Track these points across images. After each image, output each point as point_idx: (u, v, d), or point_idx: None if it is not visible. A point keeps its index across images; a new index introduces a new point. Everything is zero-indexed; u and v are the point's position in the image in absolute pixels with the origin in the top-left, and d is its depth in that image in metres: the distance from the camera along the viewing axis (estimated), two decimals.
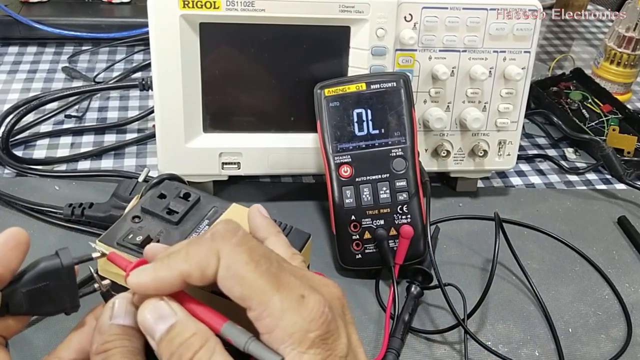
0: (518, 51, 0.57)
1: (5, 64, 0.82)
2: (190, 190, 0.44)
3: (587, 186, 0.69)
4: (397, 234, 0.52)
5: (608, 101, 0.79)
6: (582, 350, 0.50)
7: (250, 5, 0.52)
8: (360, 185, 0.53)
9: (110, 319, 0.29)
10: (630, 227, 0.62)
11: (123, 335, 0.28)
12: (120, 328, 0.29)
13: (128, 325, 0.29)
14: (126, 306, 0.29)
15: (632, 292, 0.56)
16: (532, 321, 0.52)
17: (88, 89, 0.69)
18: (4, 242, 0.28)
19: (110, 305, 0.29)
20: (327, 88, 0.53)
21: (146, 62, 0.83)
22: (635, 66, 0.81)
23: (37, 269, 0.29)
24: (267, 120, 0.58)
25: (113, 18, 0.87)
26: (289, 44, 0.55)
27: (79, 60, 0.85)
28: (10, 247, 0.28)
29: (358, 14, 0.53)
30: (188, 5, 0.51)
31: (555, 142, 0.76)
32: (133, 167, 0.66)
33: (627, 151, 0.72)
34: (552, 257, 0.59)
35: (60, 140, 0.69)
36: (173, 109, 0.54)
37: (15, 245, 0.28)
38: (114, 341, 0.28)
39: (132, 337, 0.28)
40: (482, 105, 0.59)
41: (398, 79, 0.53)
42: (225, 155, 0.57)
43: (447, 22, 0.55)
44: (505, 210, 0.63)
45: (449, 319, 0.51)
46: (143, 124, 0.72)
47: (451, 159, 0.61)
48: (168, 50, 0.52)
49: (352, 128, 0.53)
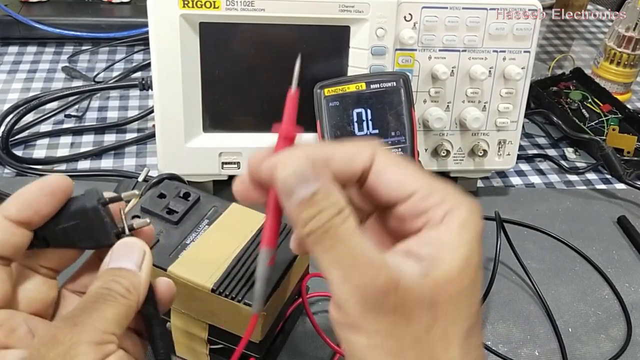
0: (518, 51, 0.57)
1: (5, 63, 0.82)
2: (190, 189, 0.44)
3: (587, 186, 0.69)
4: None
5: (608, 101, 0.79)
6: (582, 350, 0.50)
7: (250, 5, 0.52)
8: None
9: (107, 265, 0.29)
10: (630, 226, 0.62)
11: (106, 277, 0.28)
12: (110, 270, 0.29)
13: (118, 267, 0.29)
14: (122, 250, 0.30)
15: (632, 291, 0.56)
16: (532, 321, 0.52)
17: (88, 89, 0.69)
18: (39, 188, 0.29)
19: (110, 252, 0.30)
20: (327, 88, 0.53)
21: (146, 62, 0.83)
22: (635, 66, 0.81)
23: (65, 209, 0.30)
24: (266, 119, 0.58)
25: (113, 18, 0.87)
26: (289, 44, 0.55)
27: (79, 60, 0.85)
28: (44, 193, 0.29)
29: (358, 13, 0.53)
30: (188, 5, 0.51)
31: (555, 141, 0.76)
32: (133, 167, 0.66)
33: (627, 151, 0.72)
34: (551, 256, 0.59)
35: (60, 140, 0.69)
36: (173, 109, 0.54)
37: (50, 192, 0.29)
38: (95, 283, 0.28)
39: (118, 278, 0.28)
40: (481, 105, 0.59)
41: (398, 79, 0.53)
42: (225, 155, 0.57)
43: (447, 21, 0.55)
44: (505, 210, 0.63)
45: None
46: (143, 123, 0.72)
47: (451, 158, 0.61)
48: (168, 50, 0.52)
49: (352, 128, 0.53)
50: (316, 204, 0.26)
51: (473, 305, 0.27)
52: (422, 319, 0.26)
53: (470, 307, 0.27)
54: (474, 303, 0.27)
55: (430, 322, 0.26)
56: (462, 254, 0.26)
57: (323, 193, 0.26)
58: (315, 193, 0.26)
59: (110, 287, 0.28)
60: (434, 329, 0.26)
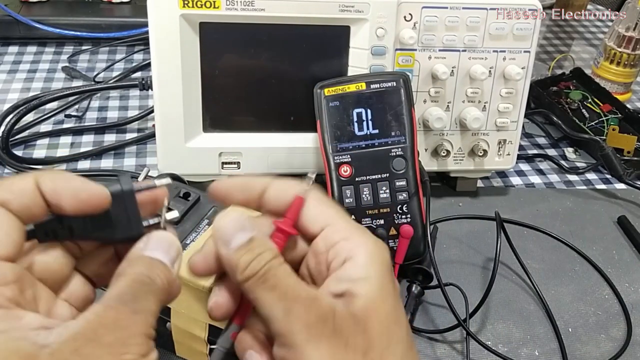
0: (518, 51, 0.57)
1: (5, 63, 0.82)
2: (190, 189, 0.44)
3: (587, 186, 0.69)
4: (397, 233, 0.52)
5: (608, 101, 0.79)
6: (582, 349, 0.50)
7: (250, 4, 0.52)
8: (360, 185, 0.53)
9: (142, 251, 0.28)
10: (630, 226, 0.62)
11: (147, 264, 0.28)
12: (148, 258, 0.28)
13: (157, 259, 0.28)
14: (160, 242, 0.29)
15: (632, 291, 0.56)
16: (532, 321, 0.52)
17: (88, 89, 0.69)
18: (88, 196, 0.28)
19: (144, 239, 0.29)
20: (327, 88, 0.53)
21: (146, 62, 0.83)
22: (635, 66, 0.81)
23: None
24: (266, 119, 0.58)
25: (113, 18, 0.87)
26: (289, 44, 0.55)
27: (79, 59, 0.85)
28: (84, 198, 0.28)
29: (358, 13, 0.53)
30: (188, 5, 0.51)
31: (555, 141, 0.76)
32: (133, 167, 0.66)
33: (627, 151, 0.72)
34: (552, 256, 0.59)
35: (60, 139, 0.69)
36: (173, 109, 0.54)
37: (90, 204, 0.28)
38: (135, 266, 0.27)
39: (157, 269, 0.28)
40: (481, 104, 0.59)
41: (398, 79, 0.53)
42: (225, 154, 0.57)
43: (447, 21, 0.55)
44: (505, 210, 0.63)
45: (449, 318, 0.51)
46: (143, 123, 0.72)
47: (451, 158, 0.61)
48: (168, 49, 0.52)
49: (352, 128, 0.53)
50: (253, 249, 0.29)
51: (402, 329, 0.29)
52: (358, 343, 0.28)
53: (401, 331, 0.29)
54: (403, 327, 0.30)
55: (366, 347, 0.28)
56: (375, 285, 0.29)
57: (259, 239, 0.29)
58: (252, 240, 0.29)
59: (153, 278, 0.27)
60: (370, 354, 0.28)
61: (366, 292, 0.29)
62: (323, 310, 0.28)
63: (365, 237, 0.31)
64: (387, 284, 0.30)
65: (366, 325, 0.28)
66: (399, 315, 0.30)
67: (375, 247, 0.30)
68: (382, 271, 0.30)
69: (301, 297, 0.28)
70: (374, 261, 0.30)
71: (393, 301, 0.29)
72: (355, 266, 0.29)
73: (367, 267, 0.29)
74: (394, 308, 0.29)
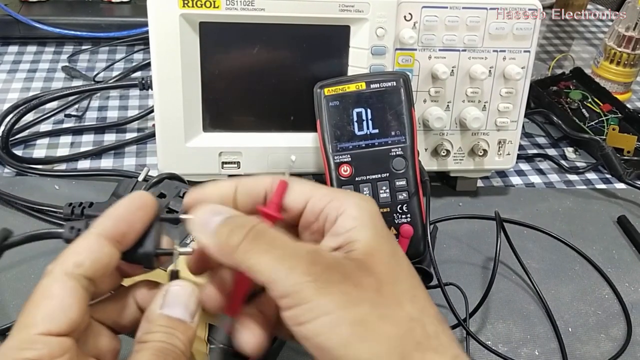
0: (518, 50, 0.57)
1: (5, 63, 0.82)
2: (190, 189, 0.44)
3: (587, 186, 0.69)
4: (397, 233, 0.52)
5: (608, 100, 0.79)
6: (582, 349, 0.50)
7: (250, 4, 0.52)
8: (360, 184, 0.53)
9: (160, 308, 0.28)
10: (630, 226, 0.62)
11: (167, 328, 0.28)
12: (167, 319, 0.28)
13: (176, 318, 0.28)
14: (179, 297, 0.29)
15: (632, 291, 0.56)
16: (532, 320, 0.52)
17: (88, 88, 0.69)
18: (130, 202, 0.29)
19: (162, 292, 0.29)
20: (327, 87, 0.53)
21: (146, 62, 0.83)
22: (635, 65, 0.81)
23: None
24: (266, 119, 0.58)
25: (113, 17, 0.87)
26: (289, 43, 0.55)
27: (79, 59, 0.85)
28: (136, 207, 0.29)
29: (358, 13, 0.53)
30: (188, 5, 0.51)
31: (555, 141, 0.76)
32: (133, 167, 0.66)
33: (627, 150, 0.72)
34: (551, 256, 0.59)
35: (60, 139, 0.69)
36: (173, 108, 0.54)
37: (141, 206, 0.29)
38: (156, 333, 0.27)
39: (177, 332, 0.28)
40: (481, 104, 0.59)
41: (398, 79, 0.53)
42: (225, 154, 0.57)
43: (447, 21, 0.55)
44: (505, 209, 0.63)
45: (449, 317, 0.50)
46: (143, 123, 0.72)
47: (451, 158, 0.61)
48: (168, 49, 0.52)
49: (352, 127, 0.53)
50: (233, 221, 0.29)
51: (406, 267, 0.30)
52: (368, 283, 0.28)
53: (406, 268, 0.30)
54: (405, 265, 0.30)
55: (377, 285, 0.28)
56: (370, 230, 0.29)
57: (238, 215, 0.30)
58: (230, 217, 0.29)
59: (174, 344, 0.27)
60: (382, 290, 0.28)
61: (364, 237, 0.29)
62: (327, 261, 0.28)
63: (349, 194, 0.31)
64: (382, 228, 0.30)
65: (371, 267, 0.28)
66: (399, 255, 0.30)
67: (361, 200, 0.31)
68: (374, 219, 0.30)
69: (300, 253, 0.28)
70: (364, 211, 0.30)
71: (391, 243, 0.30)
72: (347, 219, 0.30)
73: (359, 218, 0.30)
74: (394, 249, 0.30)
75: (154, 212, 0.29)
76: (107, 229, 0.28)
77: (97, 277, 0.27)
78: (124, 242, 0.28)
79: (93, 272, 0.27)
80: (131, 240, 0.29)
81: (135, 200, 0.29)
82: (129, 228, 0.28)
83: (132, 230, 0.28)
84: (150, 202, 0.29)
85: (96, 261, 0.27)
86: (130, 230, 0.28)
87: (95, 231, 0.28)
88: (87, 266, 0.27)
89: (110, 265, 0.28)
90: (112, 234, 0.28)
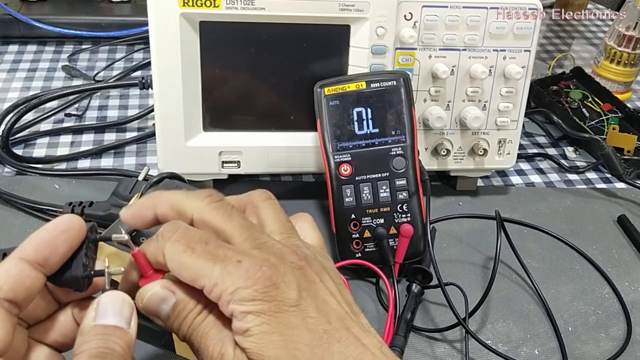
0: (518, 50, 0.57)
1: (5, 62, 0.82)
2: (191, 189, 0.44)
3: (587, 185, 0.69)
4: (397, 232, 0.52)
5: (608, 100, 0.79)
6: (582, 349, 0.50)
7: (250, 3, 0.52)
8: (360, 184, 0.53)
9: (94, 320, 0.28)
10: (630, 226, 0.62)
11: (103, 335, 0.28)
12: (102, 327, 0.28)
13: (112, 325, 0.28)
14: (110, 306, 0.29)
15: (632, 291, 0.56)
16: (532, 320, 0.52)
17: (88, 88, 0.69)
18: (54, 227, 0.29)
19: (94, 305, 0.29)
20: (327, 87, 0.53)
21: (146, 61, 0.83)
22: (635, 65, 0.81)
23: None
24: (267, 118, 0.58)
25: (113, 17, 0.87)
26: (289, 43, 0.55)
27: (79, 58, 0.85)
28: (60, 231, 0.29)
29: (358, 12, 0.53)
30: (188, 4, 0.51)
31: (555, 141, 0.76)
32: (133, 166, 0.66)
33: (627, 150, 0.72)
34: (551, 256, 0.59)
35: (60, 138, 0.69)
36: (173, 108, 0.54)
37: (65, 230, 0.29)
38: (91, 341, 0.27)
39: (114, 337, 0.28)
40: (482, 104, 0.59)
41: (398, 78, 0.53)
42: (225, 154, 0.57)
43: (447, 20, 0.55)
44: (505, 209, 0.63)
45: (449, 316, 0.51)
46: (143, 122, 0.72)
47: (451, 157, 0.61)
48: (168, 48, 0.52)
49: (352, 127, 0.53)
50: (183, 310, 0.30)
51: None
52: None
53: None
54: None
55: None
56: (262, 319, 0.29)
57: (183, 301, 0.30)
58: (176, 304, 0.30)
59: (112, 347, 0.27)
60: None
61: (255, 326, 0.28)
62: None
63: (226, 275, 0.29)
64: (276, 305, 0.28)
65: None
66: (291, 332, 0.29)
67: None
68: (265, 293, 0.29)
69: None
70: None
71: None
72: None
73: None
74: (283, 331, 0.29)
75: (80, 236, 0.29)
76: (27, 252, 0.28)
77: (20, 301, 0.27)
78: (47, 266, 0.28)
79: (14, 294, 0.27)
80: (55, 263, 0.28)
81: (60, 224, 0.29)
82: (52, 252, 0.28)
83: (55, 254, 0.28)
84: (76, 225, 0.29)
85: (16, 284, 0.27)
86: (52, 254, 0.28)
87: (16, 255, 0.28)
88: (6, 290, 0.27)
89: (34, 289, 0.28)
90: (33, 258, 0.28)
